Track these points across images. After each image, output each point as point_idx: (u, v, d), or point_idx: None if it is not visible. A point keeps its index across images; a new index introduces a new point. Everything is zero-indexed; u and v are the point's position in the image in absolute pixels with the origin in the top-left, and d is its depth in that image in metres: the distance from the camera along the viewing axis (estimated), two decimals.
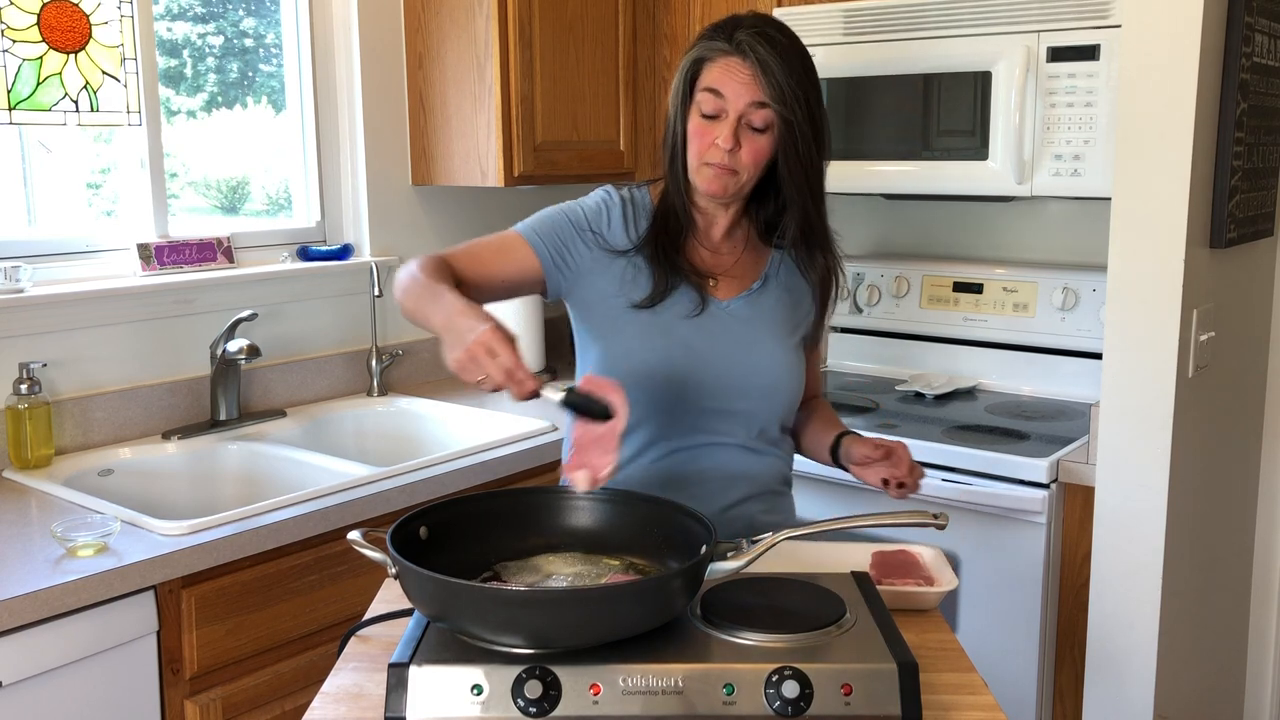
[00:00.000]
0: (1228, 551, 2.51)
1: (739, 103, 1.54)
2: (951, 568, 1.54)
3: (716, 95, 1.55)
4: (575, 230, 1.67)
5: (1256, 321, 2.54)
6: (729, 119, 1.55)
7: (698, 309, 1.64)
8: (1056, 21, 2.33)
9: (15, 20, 2.22)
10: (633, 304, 1.64)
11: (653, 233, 1.66)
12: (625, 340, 1.64)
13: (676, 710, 1.13)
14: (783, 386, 1.69)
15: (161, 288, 2.40)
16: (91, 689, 1.72)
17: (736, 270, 1.70)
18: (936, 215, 3.00)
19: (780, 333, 1.69)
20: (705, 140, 1.57)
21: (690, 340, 1.64)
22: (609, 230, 1.67)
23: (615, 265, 1.66)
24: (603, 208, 1.69)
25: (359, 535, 1.31)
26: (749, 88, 1.53)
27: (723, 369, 1.64)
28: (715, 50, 1.56)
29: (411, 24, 2.86)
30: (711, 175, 1.58)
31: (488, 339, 1.34)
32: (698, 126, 1.58)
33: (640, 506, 1.43)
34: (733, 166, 1.57)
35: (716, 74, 1.55)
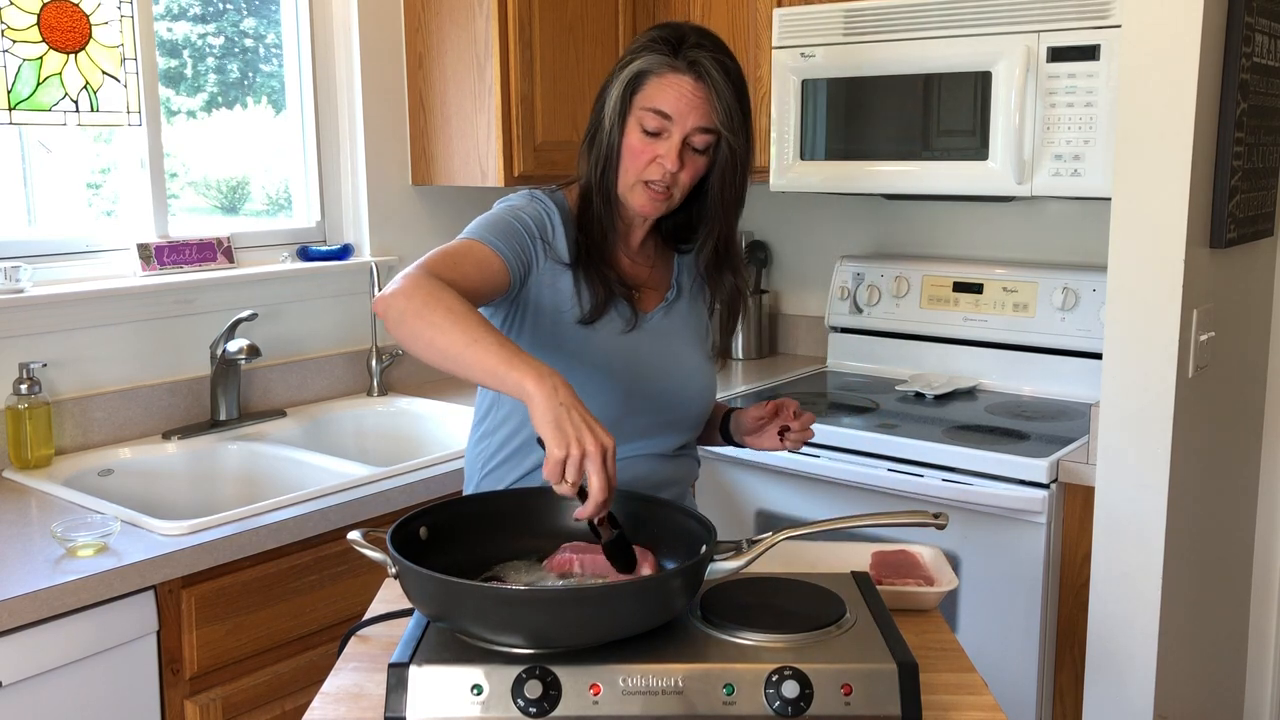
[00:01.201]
0: (1228, 551, 2.51)
1: (685, 124, 1.49)
2: (951, 568, 1.54)
3: (663, 116, 1.49)
4: (530, 238, 1.56)
5: (1256, 321, 2.53)
6: (673, 139, 1.50)
7: (630, 324, 1.60)
8: (1056, 21, 2.33)
9: (15, 20, 2.22)
10: (578, 319, 1.56)
11: (585, 244, 1.58)
12: (567, 356, 1.56)
13: (676, 710, 1.13)
14: (707, 395, 1.69)
15: (161, 288, 2.40)
16: (91, 689, 1.72)
17: (652, 280, 1.67)
18: (936, 215, 3.00)
19: (696, 341, 1.69)
20: (644, 158, 1.51)
21: (625, 357, 1.59)
22: (554, 239, 1.58)
23: (564, 278, 1.57)
24: (544, 216, 1.58)
25: (359, 535, 1.31)
26: (699, 111, 1.49)
27: (655, 385, 1.61)
28: (663, 65, 1.49)
29: (411, 24, 2.86)
30: (647, 196, 1.54)
31: (610, 450, 1.23)
32: (638, 143, 1.51)
33: (640, 506, 1.43)
34: (670, 186, 1.53)
35: (666, 93, 1.49)
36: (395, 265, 2.90)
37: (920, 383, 2.79)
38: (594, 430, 1.23)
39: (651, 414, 1.61)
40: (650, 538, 1.39)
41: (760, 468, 2.54)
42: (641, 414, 1.60)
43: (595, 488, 1.22)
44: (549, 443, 1.22)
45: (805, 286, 3.29)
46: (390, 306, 1.37)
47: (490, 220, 1.56)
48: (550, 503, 1.43)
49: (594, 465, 1.21)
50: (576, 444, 1.21)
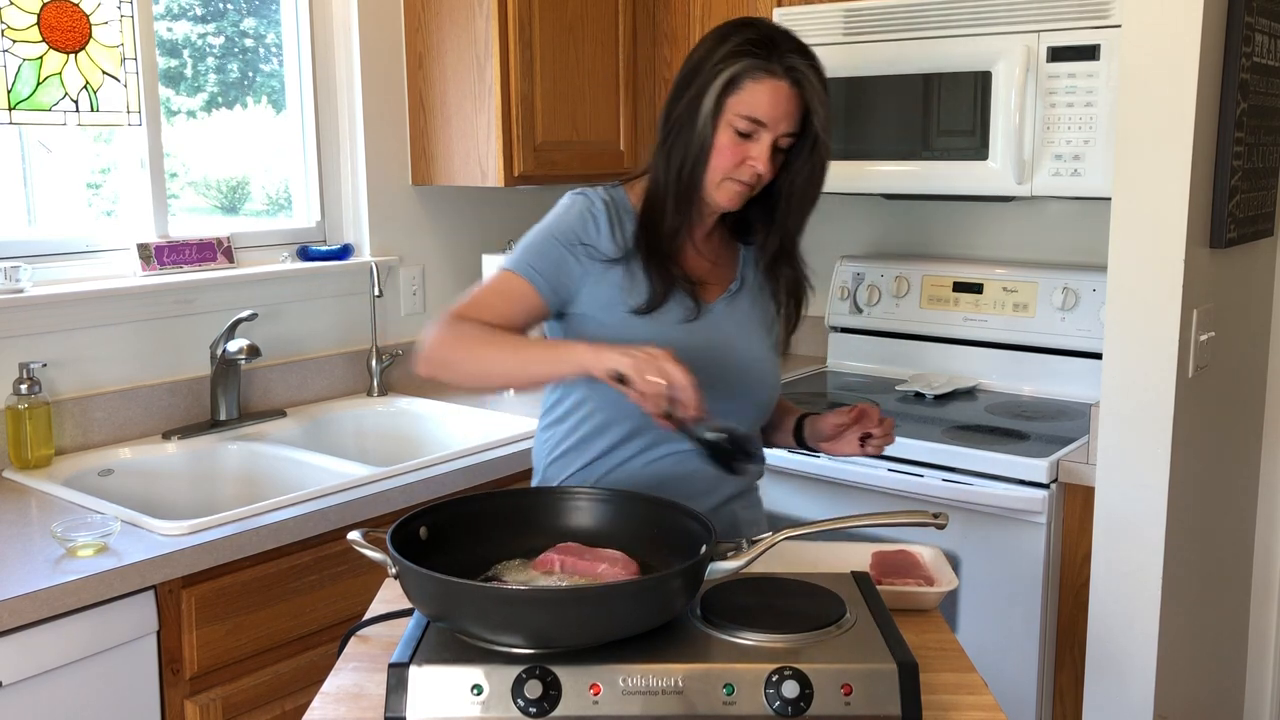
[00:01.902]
0: (1228, 551, 2.51)
1: (777, 129, 1.54)
2: (951, 568, 1.54)
3: (757, 123, 1.53)
4: (566, 249, 1.60)
5: (1256, 321, 2.53)
6: (764, 142, 1.54)
7: (692, 315, 1.63)
8: (1056, 21, 2.33)
9: (15, 20, 2.22)
10: (632, 310, 1.60)
11: (645, 237, 1.62)
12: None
13: (676, 710, 1.13)
14: (769, 384, 1.70)
15: (161, 288, 2.40)
16: (91, 689, 1.72)
17: (716, 272, 1.70)
18: (936, 215, 3.00)
19: (760, 333, 1.70)
20: (735, 157, 1.55)
21: (684, 346, 1.59)
22: (599, 238, 1.61)
23: (611, 273, 1.61)
24: (587, 217, 1.62)
25: (359, 535, 1.31)
26: (791, 116, 1.54)
27: (714, 374, 1.62)
28: (760, 70, 1.52)
29: (411, 24, 2.86)
30: (734, 192, 1.58)
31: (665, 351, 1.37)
32: (729, 143, 1.55)
33: (640, 506, 1.43)
34: (754, 184, 1.58)
35: (762, 99, 1.52)
36: (395, 265, 2.90)
37: (920, 383, 2.79)
38: (645, 348, 1.36)
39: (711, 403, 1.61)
40: (650, 538, 1.39)
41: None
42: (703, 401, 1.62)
43: (676, 376, 1.35)
44: (622, 368, 1.36)
45: None
46: (430, 361, 1.53)
47: (528, 243, 1.63)
48: (549, 503, 1.44)
49: (666, 362, 1.35)
50: (643, 355, 1.36)
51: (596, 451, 1.65)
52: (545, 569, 1.33)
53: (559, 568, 1.32)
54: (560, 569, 1.32)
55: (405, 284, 2.94)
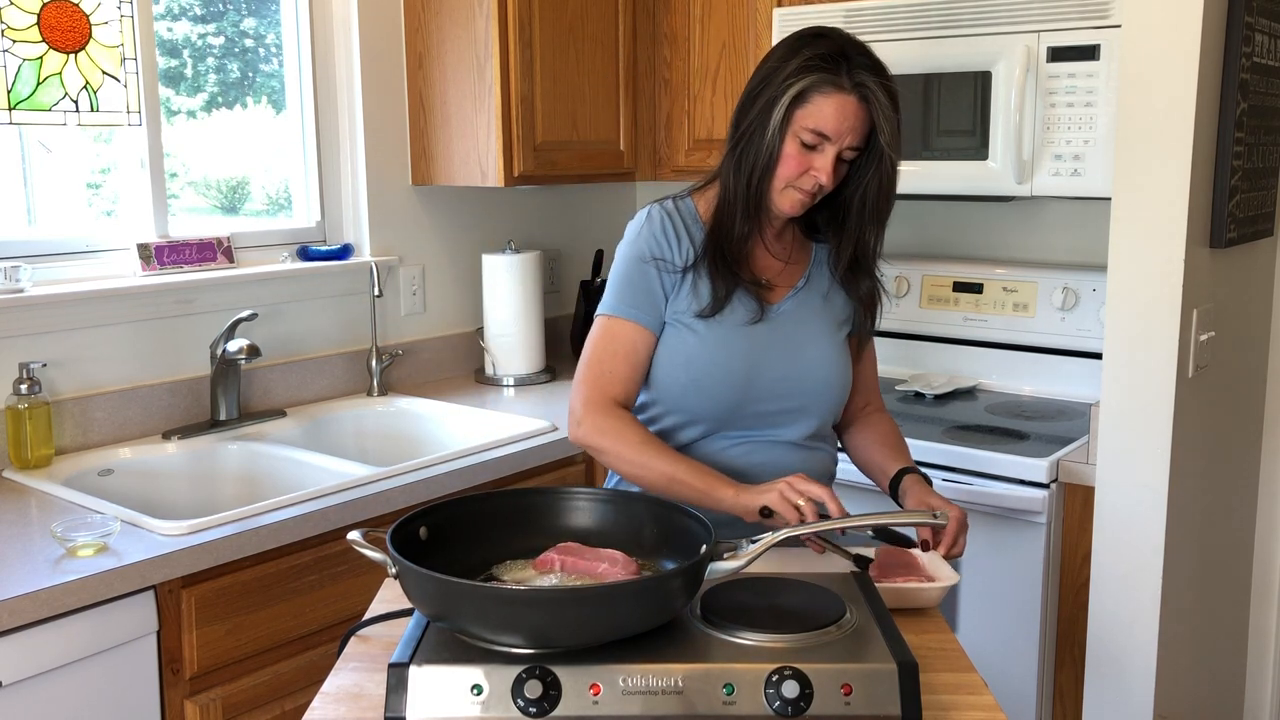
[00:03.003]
0: (1228, 551, 2.51)
1: (842, 142, 1.57)
2: (950, 563, 1.54)
3: (823, 136, 1.56)
4: (653, 270, 1.68)
5: (1256, 321, 2.53)
6: (828, 155, 1.58)
7: (756, 316, 1.67)
8: (1056, 21, 2.33)
9: (15, 20, 2.22)
10: (696, 313, 1.66)
11: (712, 244, 1.67)
12: (686, 348, 1.67)
13: (676, 710, 1.13)
14: (834, 383, 1.73)
15: (161, 288, 2.40)
16: (91, 689, 1.72)
17: (787, 272, 1.74)
18: (936, 215, 3.00)
19: (827, 329, 1.73)
20: (800, 167, 1.59)
21: (748, 347, 1.67)
22: (670, 251, 1.68)
23: (685, 281, 1.68)
24: (657, 233, 1.69)
25: (359, 535, 1.31)
26: (857, 131, 1.57)
27: (778, 372, 1.68)
28: (829, 85, 1.55)
29: (411, 24, 2.86)
30: (797, 199, 1.62)
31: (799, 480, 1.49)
32: (795, 153, 1.59)
33: (640, 506, 1.43)
34: (817, 194, 1.62)
35: (828, 114, 1.56)
36: (395, 265, 2.90)
37: (920, 383, 2.79)
38: (785, 479, 1.49)
39: (775, 400, 1.69)
40: (650, 538, 1.39)
41: None
42: (765, 400, 1.68)
43: (817, 493, 1.46)
44: (770, 504, 1.49)
45: None
46: (590, 447, 1.66)
47: (620, 275, 1.70)
48: (549, 503, 1.44)
49: (806, 484, 1.47)
50: (785, 485, 1.48)
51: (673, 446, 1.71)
52: (545, 569, 1.33)
53: (559, 568, 1.32)
54: (560, 569, 1.32)
55: (405, 284, 2.94)
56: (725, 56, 2.89)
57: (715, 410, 1.68)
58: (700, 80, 2.94)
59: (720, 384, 1.66)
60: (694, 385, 1.67)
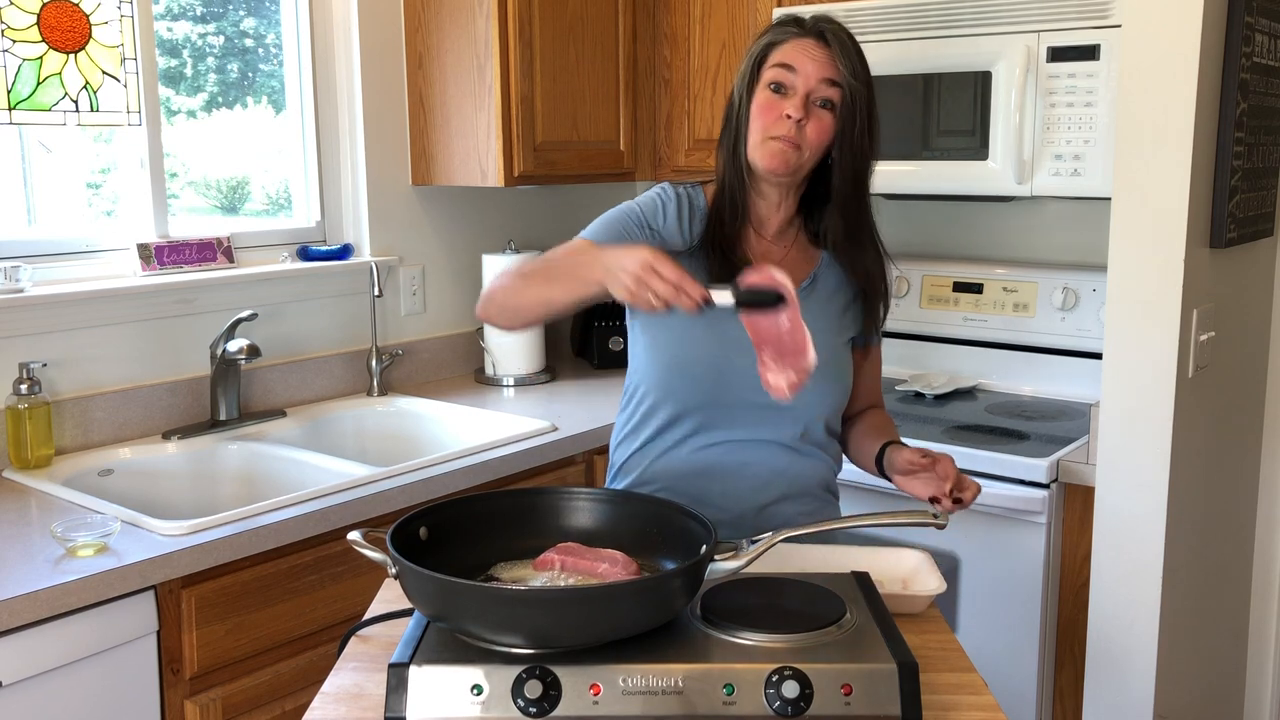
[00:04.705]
0: (1228, 551, 2.51)
1: (811, 78, 1.58)
2: (939, 572, 1.51)
3: (788, 70, 1.58)
4: (636, 227, 1.68)
5: (1256, 321, 2.53)
6: (799, 93, 1.58)
7: None
8: (1056, 21, 2.33)
9: (15, 20, 2.22)
10: None
11: (709, 230, 1.67)
12: (671, 333, 1.66)
13: (676, 710, 1.13)
14: (825, 385, 1.70)
15: (161, 288, 2.40)
16: (91, 689, 1.72)
17: (786, 267, 1.69)
18: (936, 215, 3.00)
19: (826, 333, 1.70)
20: (773, 114, 1.59)
21: (734, 335, 1.62)
22: (665, 227, 1.68)
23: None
24: (658, 204, 1.70)
25: (359, 535, 1.31)
26: (822, 65, 1.58)
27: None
28: (788, 34, 1.61)
29: (411, 24, 2.86)
30: (775, 149, 1.60)
31: (649, 259, 1.34)
32: (765, 101, 1.60)
33: (640, 506, 1.43)
34: (797, 141, 1.59)
35: (790, 52, 1.59)
36: (395, 265, 2.90)
37: (920, 383, 2.79)
38: (624, 258, 1.35)
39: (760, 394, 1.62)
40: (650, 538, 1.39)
41: None
42: (747, 391, 1.64)
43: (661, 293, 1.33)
44: (619, 297, 1.37)
45: None
46: (482, 301, 1.58)
47: (602, 217, 1.70)
48: (549, 503, 1.44)
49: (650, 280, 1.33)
50: (625, 276, 1.34)
51: (648, 434, 1.71)
52: (545, 569, 1.33)
53: (559, 567, 1.32)
54: (560, 569, 1.32)
55: (405, 284, 2.94)
56: (725, 56, 2.89)
57: (695, 396, 1.66)
58: (700, 80, 2.94)
59: (699, 368, 1.65)
60: (675, 366, 1.66)
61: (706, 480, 1.66)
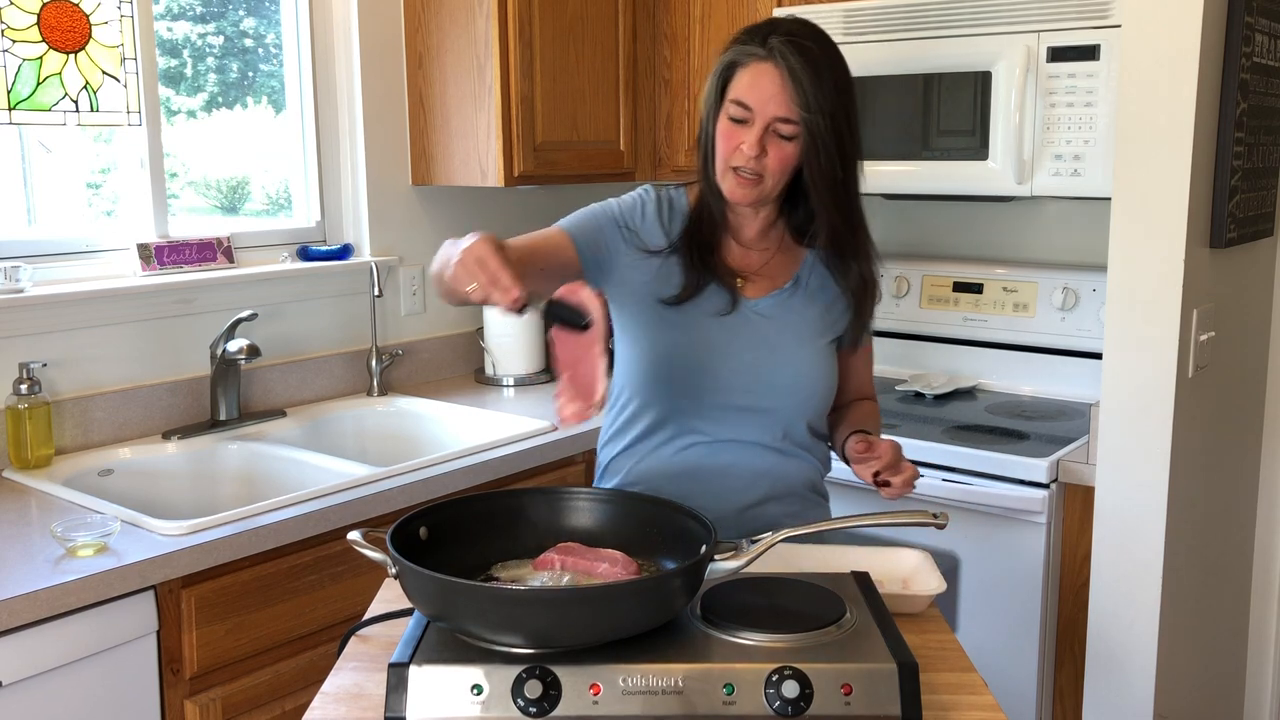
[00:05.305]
0: (1228, 551, 2.51)
1: (766, 111, 1.54)
2: (939, 572, 1.52)
3: (743, 106, 1.55)
4: (613, 224, 1.68)
5: (1256, 321, 2.53)
6: (755, 126, 1.55)
7: (728, 309, 1.66)
8: (1056, 21, 2.33)
9: (15, 20, 2.22)
10: (661, 300, 1.65)
11: (688, 232, 1.67)
12: (651, 334, 1.66)
13: (676, 710, 1.13)
14: (805, 386, 1.68)
15: (161, 288, 2.40)
16: (91, 689, 1.72)
17: (768, 270, 1.71)
18: (936, 215, 3.00)
19: (808, 334, 1.69)
20: (731, 144, 1.58)
21: (715, 336, 1.66)
22: (643, 226, 1.68)
23: (649, 263, 1.67)
24: (638, 204, 1.70)
25: (359, 535, 1.31)
26: (779, 102, 1.53)
27: (744, 365, 1.65)
28: (748, 55, 1.56)
29: (411, 24, 2.86)
30: (735, 182, 1.59)
31: (477, 248, 1.33)
32: (726, 130, 1.58)
33: (640, 506, 1.43)
34: (758, 172, 1.57)
35: (747, 81, 1.56)
36: (395, 265, 2.90)
37: (920, 383, 2.79)
38: (461, 244, 1.35)
39: (740, 395, 1.66)
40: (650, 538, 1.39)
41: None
42: (727, 394, 1.65)
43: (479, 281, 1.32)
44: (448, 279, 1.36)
45: None
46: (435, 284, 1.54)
47: (582, 210, 1.71)
48: (549, 503, 1.44)
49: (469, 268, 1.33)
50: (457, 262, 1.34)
51: (632, 437, 1.71)
52: (545, 569, 1.33)
53: (559, 567, 1.32)
54: (560, 569, 1.32)
55: (405, 284, 2.94)
56: None
57: (677, 398, 1.66)
58: (700, 80, 2.94)
59: (680, 369, 1.64)
60: (655, 368, 1.65)
61: (690, 481, 1.65)
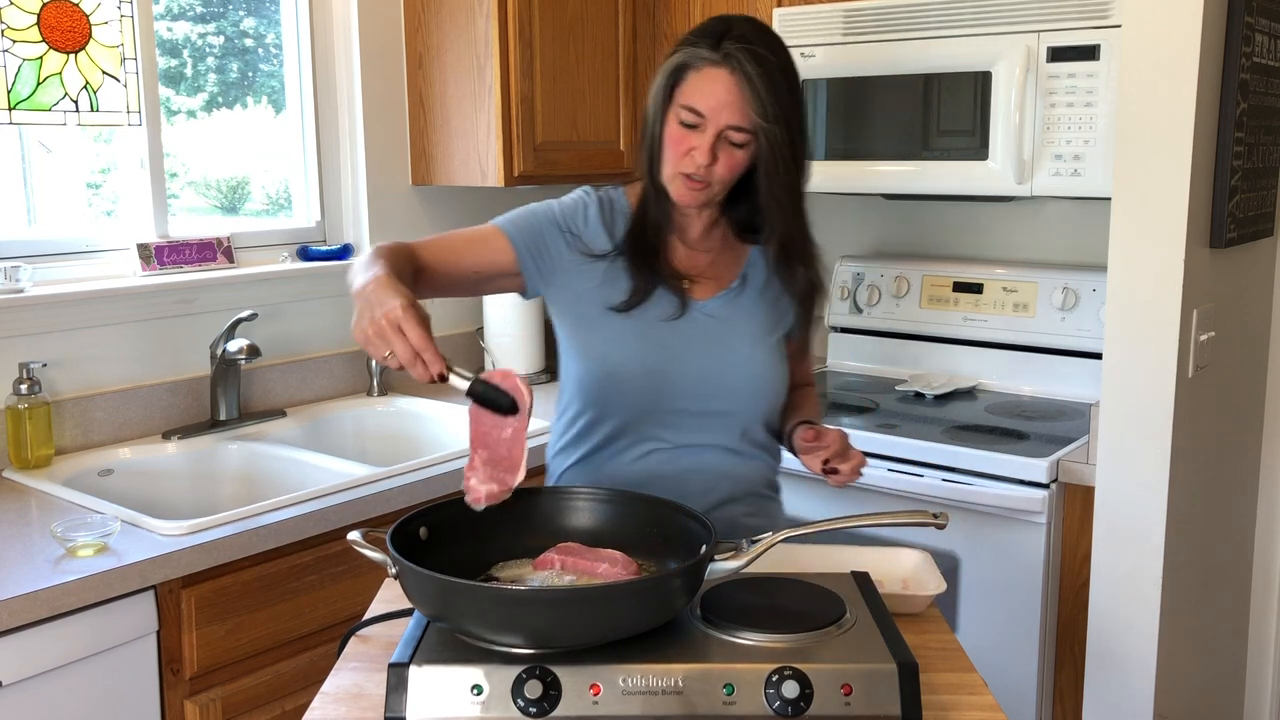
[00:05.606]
0: (1228, 551, 2.51)
1: (719, 120, 1.51)
2: (939, 572, 1.52)
3: (695, 112, 1.51)
4: (554, 227, 1.63)
5: (1256, 321, 2.53)
6: (708, 133, 1.51)
7: (677, 312, 1.61)
8: (1056, 21, 2.33)
9: (15, 20, 2.22)
10: (610, 306, 1.61)
11: (632, 235, 1.62)
12: (601, 342, 1.61)
13: (676, 710, 1.13)
14: (761, 387, 1.66)
15: (161, 288, 2.40)
16: (91, 689, 1.72)
17: (714, 270, 1.67)
18: (936, 215, 3.00)
19: (758, 332, 1.67)
20: (681, 149, 1.54)
21: (667, 341, 1.61)
22: (586, 230, 1.64)
23: (594, 267, 1.62)
24: (580, 206, 1.65)
25: (359, 535, 1.31)
26: (732, 110, 1.50)
27: (700, 369, 1.62)
28: (701, 59, 1.51)
29: (411, 24, 2.86)
30: (684, 186, 1.56)
31: (399, 314, 1.27)
32: (675, 134, 1.54)
33: (640, 506, 1.43)
34: (707, 179, 1.54)
35: (700, 87, 1.51)
36: None
37: (920, 383, 2.79)
38: (380, 302, 1.28)
39: (696, 400, 1.62)
40: (650, 538, 1.39)
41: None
42: (684, 399, 1.62)
43: (398, 352, 1.27)
44: (358, 338, 1.29)
45: None
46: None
47: (519, 209, 1.65)
48: (549, 503, 1.44)
49: (387, 335, 1.27)
50: (369, 323, 1.27)
51: (588, 448, 1.66)
52: (545, 569, 1.33)
53: (559, 567, 1.32)
54: (560, 569, 1.32)
55: None
56: None
57: (633, 406, 1.61)
58: None
59: (635, 378, 1.60)
60: (609, 378, 1.60)
61: (650, 489, 1.59)
